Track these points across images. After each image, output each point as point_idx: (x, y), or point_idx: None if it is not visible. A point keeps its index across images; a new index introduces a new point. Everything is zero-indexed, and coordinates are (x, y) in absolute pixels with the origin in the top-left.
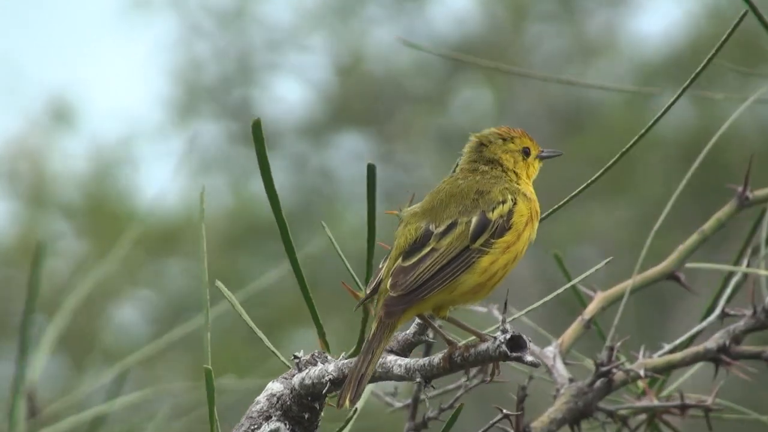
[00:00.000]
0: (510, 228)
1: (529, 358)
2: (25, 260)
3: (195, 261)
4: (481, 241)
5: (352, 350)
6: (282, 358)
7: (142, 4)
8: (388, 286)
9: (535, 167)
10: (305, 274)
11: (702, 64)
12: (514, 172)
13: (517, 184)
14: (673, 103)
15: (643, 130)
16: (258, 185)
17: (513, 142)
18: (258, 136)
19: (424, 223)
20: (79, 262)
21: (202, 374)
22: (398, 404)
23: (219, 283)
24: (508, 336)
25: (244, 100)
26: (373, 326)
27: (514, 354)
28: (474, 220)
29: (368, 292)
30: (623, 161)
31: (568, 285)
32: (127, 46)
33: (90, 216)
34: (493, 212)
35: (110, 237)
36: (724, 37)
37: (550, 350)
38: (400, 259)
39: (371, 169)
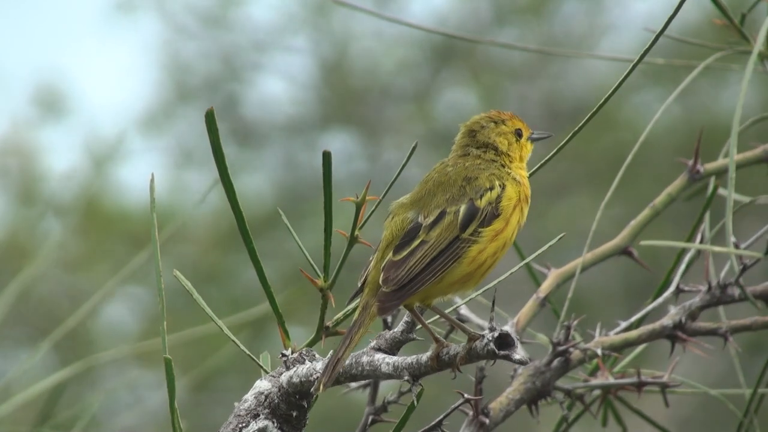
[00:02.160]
0: (498, 215)
1: (517, 356)
2: (13, 258)
3: (183, 257)
4: (470, 230)
5: (311, 338)
6: (246, 351)
7: (125, 5)
8: (380, 281)
9: (528, 149)
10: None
11: (654, 37)
12: (508, 154)
13: (509, 167)
14: (629, 74)
15: (603, 99)
16: (244, 182)
17: (505, 124)
18: (212, 127)
19: (411, 213)
20: (70, 259)
21: (202, 378)
22: (353, 385)
23: (177, 273)
24: (496, 334)
25: (230, 99)
26: (356, 314)
27: (502, 352)
28: (462, 208)
29: (359, 284)
30: (616, 162)
31: (521, 264)
32: (113, 45)
33: (81, 212)
34: (481, 199)
35: (101, 234)
36: (676, 7)
37: (506, 329)
38: (390, 253)
39: (326, 157)
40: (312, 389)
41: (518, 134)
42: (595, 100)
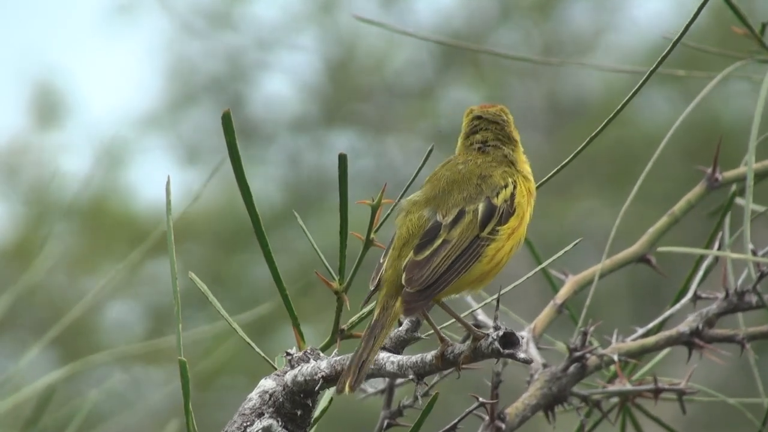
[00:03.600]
0: (513, 212)
1: (521, 355)
2: (22, 260)
3: (191, 259)
4: (489, 228)
5: (326, 340)
6: (257, 349)
7: (127, 6)
8: (403, 281)
9: None
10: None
11: (670, 45)
12: (516, 150)
13: (517, 164)
14: (644, 83)
15: (618, 107)
16: (250, 181)
17: (508, 117)
18: (228, 128)
19: (427, 212)
20: (76, 260)
21: (207, 377)
22: (370, 390)
23: (192, 275)
24: (500, 333)
25: (236, 98)
26: (375, 313)
27: (507, 351)
28: (481, 207)
29: (372, 285)
30: (623, 160)
31: (537, 268)
32: (118, 45)
33: (87, 214)
34: (497, 197)
35: (107, 236)
36: (693, 15)
37: (523, 335)
38: (411, 253)
39: (342, 160)
40: (336, 390)
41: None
42: (599, 96)
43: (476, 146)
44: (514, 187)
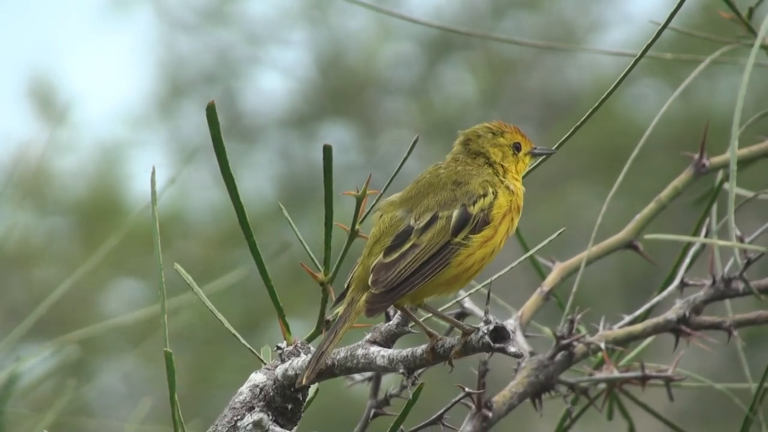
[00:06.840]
0: (488, 222)
1: (512, 349)
2: (18, 261)
3: (182, 252)
4: (462, 235)
5: (311, 332)
6: (247, 345)
7: (121, 3)
8: (369, 282)
9: (526, 163)
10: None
11: (658, 30)
12: (502, 165)
13: (503, 177)
14: (632, 67)
15: (606, 93)
16: (242, 176)
17: (503, 137)
18: (213, 120)
19: (400, 212)
20: (70, 259)
21: (201, 373)
22: (357, 378)
23: (178, 266)
24: (491, 327)
25: (227, 93)
26: (342, 307)
27: (498, 345)
28: (455, 214)
29: (346, 285)
30: (616, 154)
31: (525, 255)
32: (110, 41)
33: (82, 211)
34: (474, 206)
35: (101, 232)
36: (680, 1)
37: (510, 323)
38: (381, 254)
39: (327, 151)
40: (296, 382)
41: (516, 148)
42: (591, 90)
43: (451, 158)
44: (495, 197)
